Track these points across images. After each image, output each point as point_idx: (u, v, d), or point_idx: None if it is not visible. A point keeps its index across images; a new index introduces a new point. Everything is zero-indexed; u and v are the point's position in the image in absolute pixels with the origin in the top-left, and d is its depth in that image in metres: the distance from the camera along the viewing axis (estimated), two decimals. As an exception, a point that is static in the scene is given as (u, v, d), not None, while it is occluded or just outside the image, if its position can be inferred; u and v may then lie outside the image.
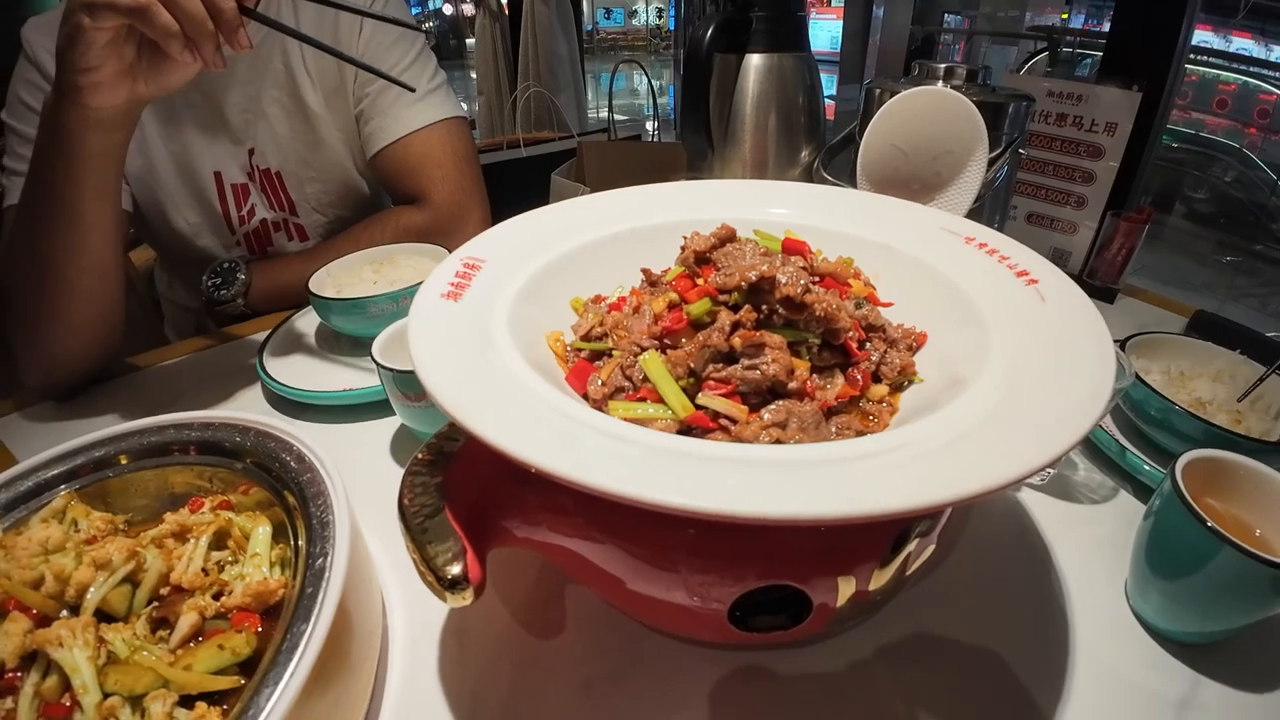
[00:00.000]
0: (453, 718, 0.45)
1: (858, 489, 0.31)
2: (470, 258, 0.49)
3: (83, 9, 0.59)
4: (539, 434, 0.33)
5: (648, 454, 0.33)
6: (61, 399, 0.82)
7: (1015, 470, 0.31)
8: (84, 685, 0.40)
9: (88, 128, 0.66)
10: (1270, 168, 4.60)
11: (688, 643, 0.48)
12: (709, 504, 0.29)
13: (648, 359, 0.41)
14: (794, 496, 0.30)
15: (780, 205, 0.60)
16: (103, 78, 0.62)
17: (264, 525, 0.50)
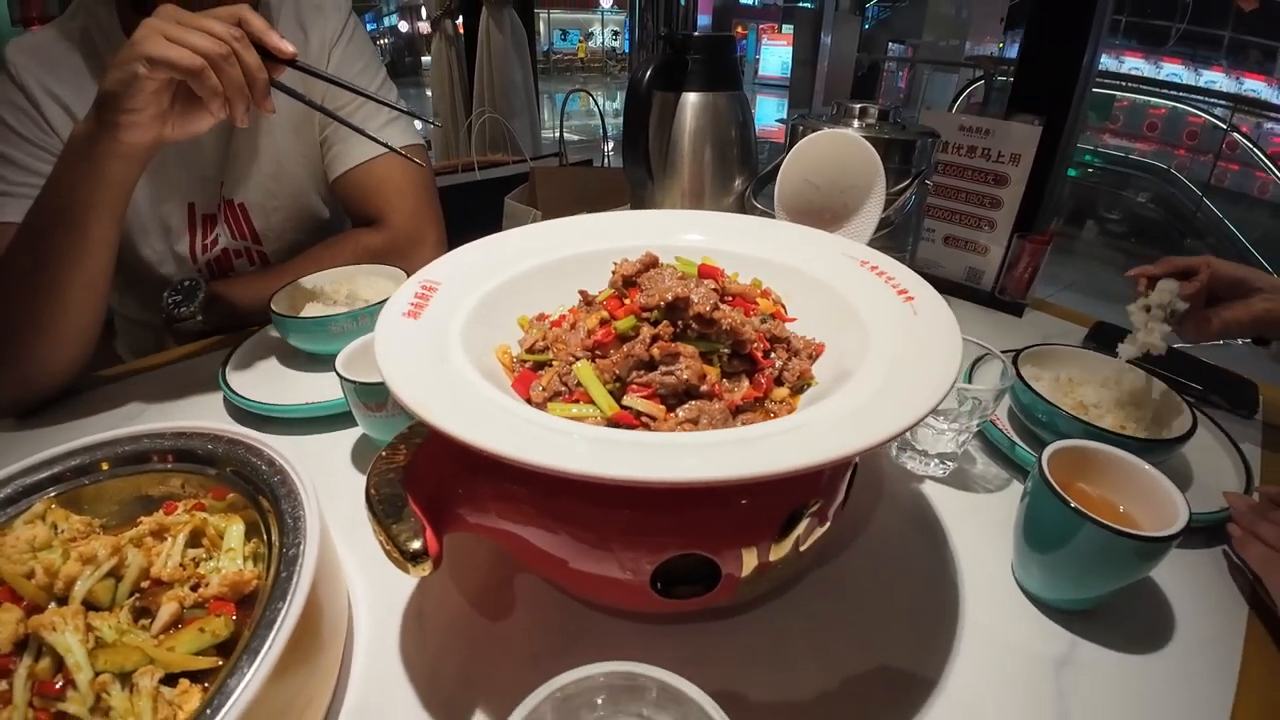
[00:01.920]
0: (413, 689, 0.50)
1: (754, 458, 0.38)
2: (428, 280, 0.55)
3: (144, 60, 0.67)
4: (490, 427, 0.39)
5: (580, 441, 0.40)
6: (22, 415, 0.85)
7: (875, 438, 0.39)
8: (77, 664, 0.44)
9: (115, 159, 0.73)
10: (1196, 186, 4.84)
11: (624, 618, 0.55)
12: (627, 473, 0.35)
13: (580, 367, 0.48)
14: (700, 466, 0.37)
15: (706, 233, 0.68)
16: (142, 119, 0.70)
17: (237, 524, 0.55)
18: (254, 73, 0.72)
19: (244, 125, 0.76)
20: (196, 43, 0.68)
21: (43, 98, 0.94)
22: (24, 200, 0.88)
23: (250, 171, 1.09)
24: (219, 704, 0.38)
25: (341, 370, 0.68)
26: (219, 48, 0.69)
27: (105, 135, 0.72)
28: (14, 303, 0.80)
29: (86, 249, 0.78)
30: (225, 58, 0.70)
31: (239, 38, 0.71)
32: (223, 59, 0.70)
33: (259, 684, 0.39)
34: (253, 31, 0.72)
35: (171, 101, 0.73)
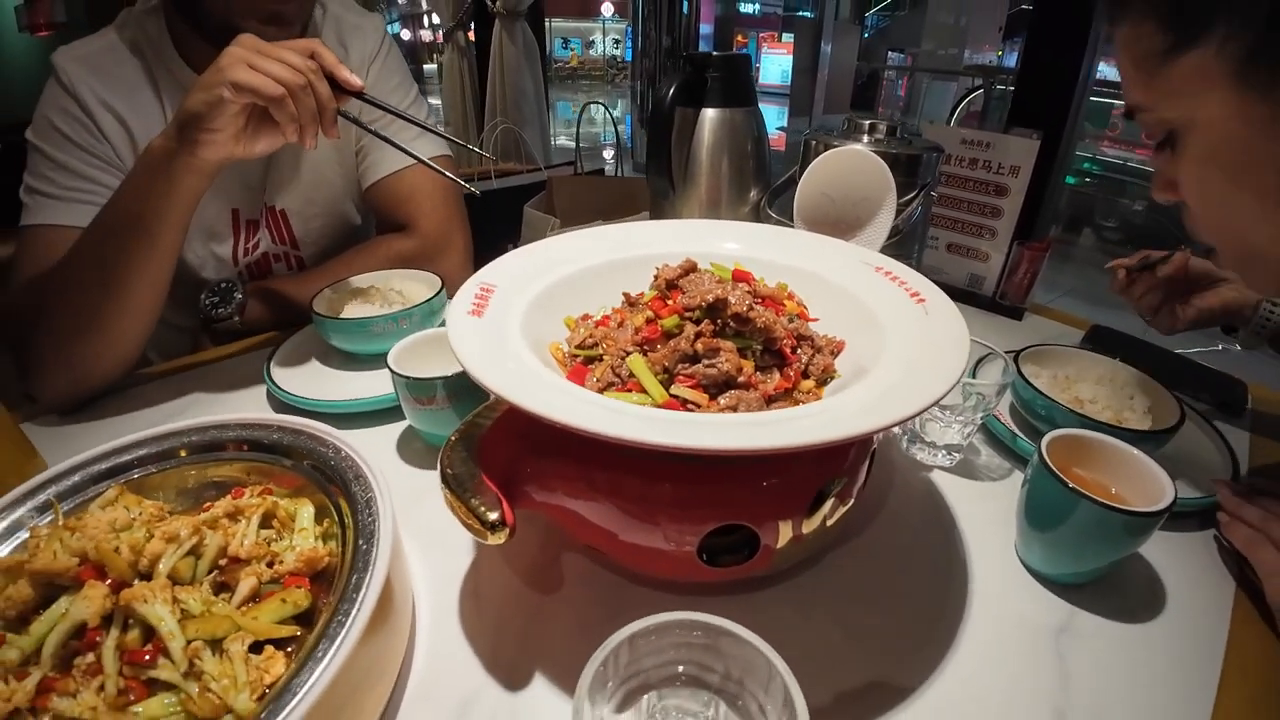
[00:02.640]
0: (476, 657, 0.56)
1: (793, 433, 0.43)
2: (485, 283, 0.61)
3: (229, 85, 0.73)
4: (561, 405, 0.45)
5: (642, 419, 0.45)
6: (66, 412, 0.89)
7: (896, 417, 0.44)
8: (171, 632, 0.47)
9: (189, 173, 0.79)
10: (1194, 193, 4.88)
11: (663, 590, 0.60)
12: (692, 443, 0.41)
13: (633, 359, 0.54)
14: (745, 439, 0.42)
15: (734, 242, 0.74)
16: (220, 139, 0.76)
17: (307, 506, 0.59)
18: (325, 102, 0.79)
19: (312, 148, 0.82)
20: (278, 72, 0.75)
21: (95, 105, 0.97)
22: (75, 205, 0.94)
23: (291, 180, 1.15)
24: (311, 666, 0.42)
25: (394, 366, 0.73)
26: (297, 78, 0.76)
27: (183, 151, 0.77)
28: (75, 302, 0.85)
29: (152, 255, 0.83)
30: (303, 88, 0.76)
31: (314, 70, 0.78)
32: (300, 89, 0.76)
33: (350, 646, 0.43)
34: (325, 65, 0.79)
35: (246, 123, 0.79)
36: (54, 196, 0.95)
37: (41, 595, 0.51)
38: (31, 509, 0.58)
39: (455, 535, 0.67)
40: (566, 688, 0.53)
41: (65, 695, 0.45)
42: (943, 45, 6.41)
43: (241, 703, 0.44)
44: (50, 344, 0.86)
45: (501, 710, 0.51)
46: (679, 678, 0.44)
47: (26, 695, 0.45)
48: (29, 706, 0.45)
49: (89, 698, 0.45)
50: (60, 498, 0.59)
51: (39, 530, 0.55)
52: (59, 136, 0.96)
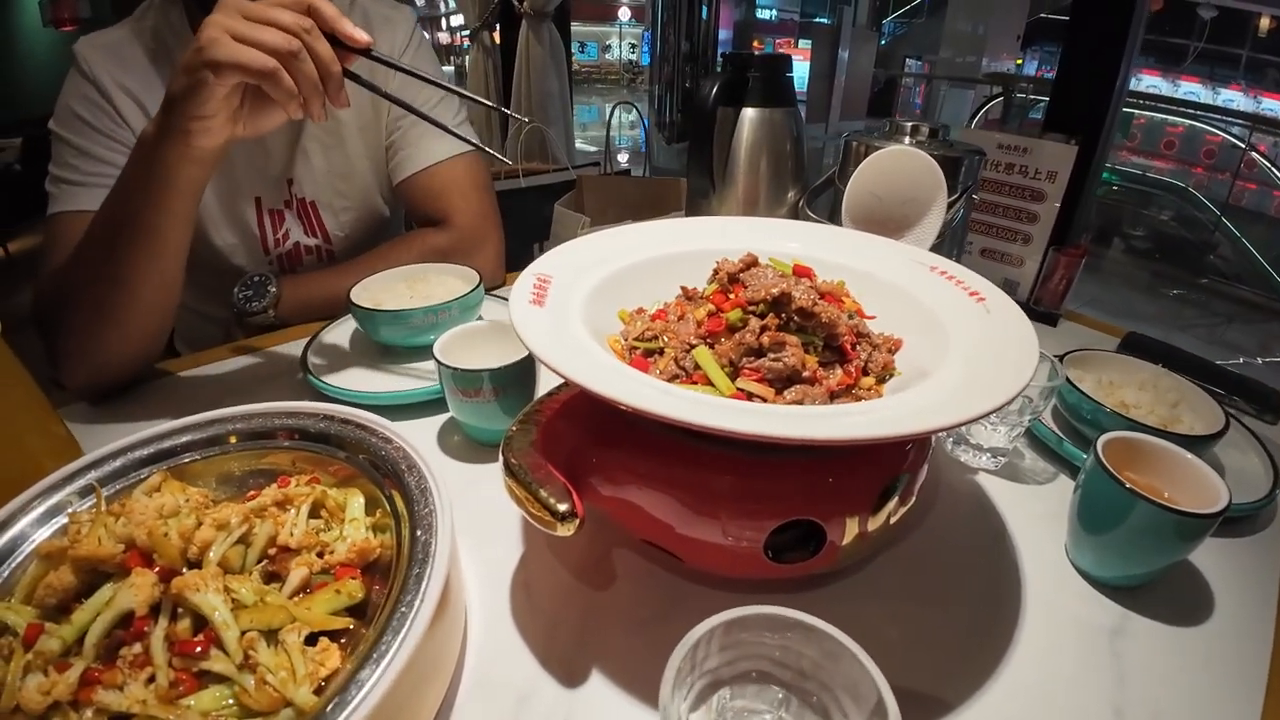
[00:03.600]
0: (530, 652, 0.55)
1: (865, 425, 0.43)
2: (541, 274, 0.60)
3: (209, 66, 0.64)
4: (634, 392, 0.44)
5: (712, 407, 0.45)
6: (96, 400, 0.89)
7: (961, 416, 0.43)
8: (225, 622, 0.45)
9: (187, 163, 0.72)
10: (1214, 204, 4.86)
11: (717, 588, 0.60)
12: (765, 430, 0.40)
13: (700, 351, 0.53)
14: (821, 429, 0.42)
15: (784, 239, 0.73)
16: (213, 125, 0.69)
17: (357, 497, 0.58)
18: (327, 66, 0.68)
19: (321, 121, 0.73)
20: (266, 39, 0.64)
21: (115, 91, 0.97)
22: (97, 190, 0.93)
23: (319, 172, 1.15)
24: (375, 660, 0.41)
25: (440, 357, 0.73)
26: (290, 43, 0.65)
27: (175, 140, 0.70)
28: (87, 294, 0.82)
29: (157, 249, 0.79)
30: (297, 54, 0.65)
31: (309, 29, 0.66)
32: (294, 55, 0.65)
33: (415, 639, 0.42)
34: (324, 20, 0.68)
35: (242, 100, 0.70)
36: (78, 183, 0.95)
37: (84, 583, 0.50)
38: (71, 493, 0.57)
39: (501, 529, 0.67)
40: (624, 684, 0.52)
41: (111, 688, 0.43)
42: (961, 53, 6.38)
43: (302, 696, 0.43)
44: (70, 332, 0.84)
45: (560, 706, 0.51)
46: (750, 675, 0.44)
47: (69, 688, 0.43)
48: (70, 700, 0.43)
49: (137, 690, 0.43)
50: (102, 483, 0.58)
51: (79, 516, 0.53)
52: (81, 124, 0.96)
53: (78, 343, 0.84)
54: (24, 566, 0.52)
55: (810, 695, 0.43)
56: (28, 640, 0.46)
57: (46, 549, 0.51)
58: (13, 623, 0.47)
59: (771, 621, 0.41)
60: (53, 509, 0.56)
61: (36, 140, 6.05)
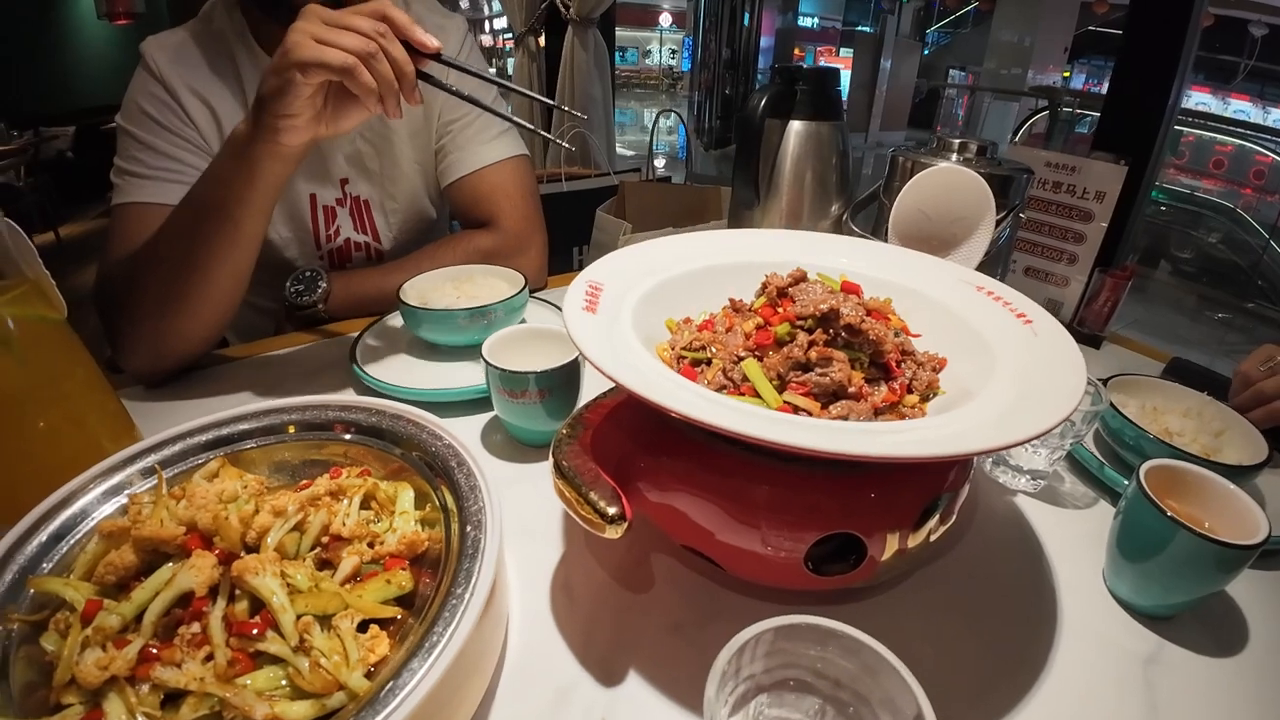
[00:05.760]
0: (569, 649, 0.56)
1: (912, 444, 0.44)
2: (593, 281, 0.61)
3: (297, 66, 0.70)
4: (686, 400, 0.45)
5: (761, 419, 0.46)
6: (151, 385, 0.92)
7: (1008, 439, 0.44)
8: (282, 606, 0.47)
9: (273, 160, 0.78)
10: (1263, 227, 4.73)
11: (755, 596, 0.61)
12: (814, 444, 0.41)
13: (748, 364, 0.54)
14: (870, 446, 0.42)
15: (834, 254, 0.74)
16: (300, 123, 0.74)
17: (407, 490, 0.59)
18: (402, 66, 0.73)
19: (397, 118, 0.78)
20: (346, 42, 0.70)
21: (182, 91, 1.01)
22: (163, 184, 0.97)
23: (372, 172, 1.18)
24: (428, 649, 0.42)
25: (488, 358, 0.74)
26: (367, 45, 0.71)
27: (264, 138, 0.76)
28: (161, 280, 0.86)
29: (236, 239, 0.84)
30: (374, 55, 0.71)
31: (384, 34, 0.72)
32: (372, 56, 0.71)
33: (466, 630, 0.43)
34: (398, 27, 0.74)
35: (325, 101, 0.76)
36: (144, 176, 0.98)
37: (144, 562, 0.51)
38: (131, 474, 0.59)
39: (541, 528, 0.68)
40: (661, 686, 0.53)
41: (169, 665, 0.44)
42: (1006, 65, 6.28)
43: (355, 680, 0.44)
44: (137, 318, 0.88)
45: (598, 704, 0.52)
46: (788, 683, 0.44)
47: (127, 663, 0.44)
48: (128, 675, 0.44)
49: (195, 668, 0.44)
50: (162, 465, 0.59)
51: (139, 497, 0.55)
52: (148, 120, 1.00)
53: (145, 327, 0.88)
54: (83, 544, 0.54)
55: (846, 706, 0.43)
56: (86, 616, 0.47)
57: (108, 528, 0.52)
58: (71, 598, 0.49)
59: (815, 632, 0.42)
60: (112, 489, 0.58)
61: (88, 129, 6.26)
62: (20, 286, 0.64)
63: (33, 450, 0.65)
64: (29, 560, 0.52)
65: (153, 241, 0.87)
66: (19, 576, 0.51)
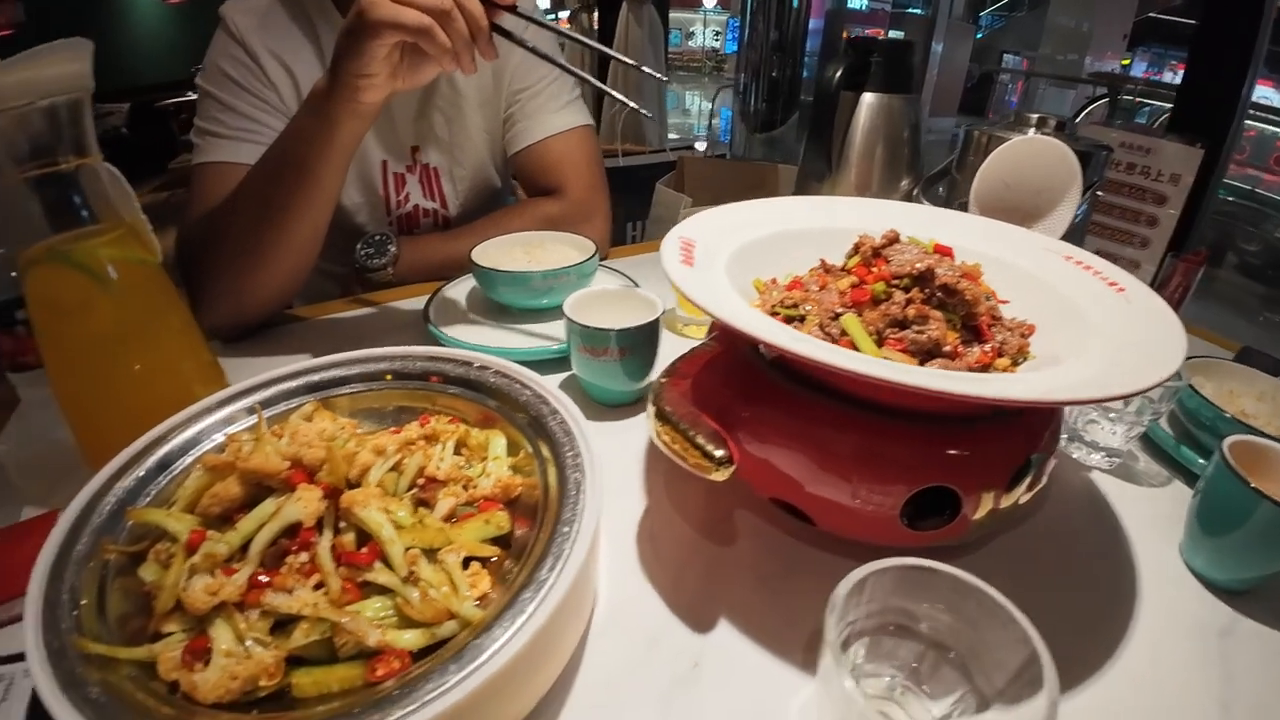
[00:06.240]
0: (659, 597, 0.57)
1: (1027, 389, 0.44)
2: (684, 237, 0.62)
3: (371, 27, 0.70)
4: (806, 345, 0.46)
5: (864, 360, 0.46)
6: (229, 340, 0.94)
7: (1125, 389, 0.44)
8: (391, 538, 0.48)
9: (351, 117, 0.79)
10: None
11: (837, 553, 0.61)
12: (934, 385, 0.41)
13: (848, 318, 0.54)
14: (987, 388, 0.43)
15: (916, 223, 0.73)
16: (377, 81, 0.75)
17: (499, 437, 0.60)
18: (478, 21, 0.73)
19: (472, 73, 0.78)
20: (421, 0, 0.70)
21: (262, 53, 1.03)
22: (243, 144, 1.00)
23: (442, 139, 1.20)
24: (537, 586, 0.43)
25: (571, 314, 0.75)
26: (442, 3, 0.71)
27: (342, 96, 0.77)
28: (240, 236, 0.88)
29: (314, 195, 0.85)
30: (449, 13, 0.71)
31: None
32: (446, 14, 0.71)
33: (574, 568, 0.44)
34: None
35: (401, 57, 0.76)
36: (224, 136, 1.01)
37: (248, 495, 0.52)
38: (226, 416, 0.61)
39: (623, 483, 0.70)
40: (751, 634, 0.54)
41: (280, 591, 0.45)
42: (1062, 50, 6.10)
43: (468, 609, 0.45)
44: (217, 273, 0.90)
45: (689, 648, 0.53)
46: (888, 628, 0.45)
47: (237, 589, 0.45)
48: (237, 601, 0.45)
49: (306, 595, 0.45)
50: (264, 404, 0.61)
51: (237, 436, 0.56)
52: (228, 82, 1.02)
53: (225, 282, 0.90)
54: (179, 480, 0.55)
55: (947, 652, 0.44)
56: (191, 546, 0.48)
57: (212, 462, 0.53)
58: (173, 529, 0.50)
59: (931, 576, 0.42)
60: (208, 429, 0.59)
61: (143, 106, 6.36)
62: (118, 229, 0.65)
63: (126, 392, 0.67)
64: (126, 494, 0.53)
65: (233, 198, 0.90)
66: (116, 509, 0.52)
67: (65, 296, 0.64)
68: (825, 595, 0.56)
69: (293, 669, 0.44)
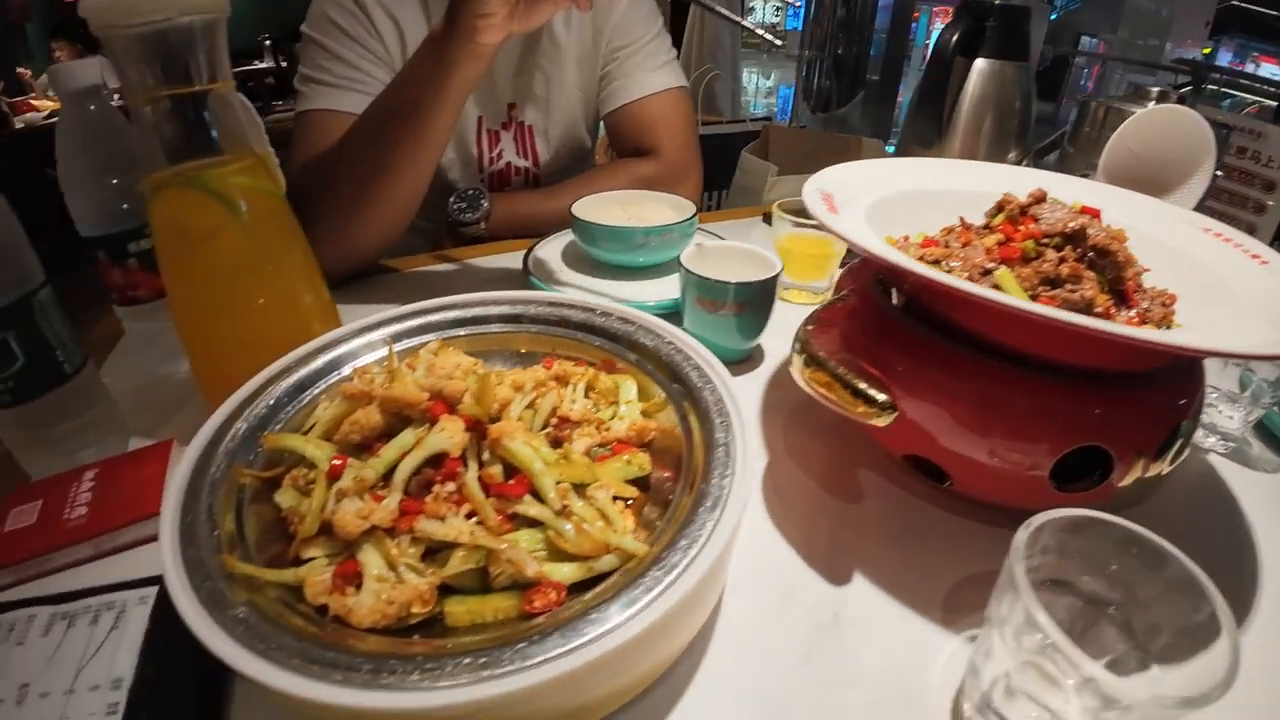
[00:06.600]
0: (790, 547, 0.57)
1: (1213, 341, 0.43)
2: (822, 189, 0.62)
3: None
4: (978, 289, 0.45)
5: (1055, 312, 0.45)
6: (331, 286, 0.95)
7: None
8: (543, 470, 0.48)
9: (469, 59, 0.79)
10: None
11: (965, 516, 0.60)
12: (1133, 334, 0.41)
13: (1003, 273, 0.53)
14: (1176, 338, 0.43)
15: (1049, 188, 0.72)
16: (496, 21, 0.75)
17: (630, 381, 0.59)
18: None
19: (587, 10, 0.79)
20: None
21: (371, 4, 1.04)
22: (349, 93, 1.00)
23: (539, 97, 1.20)
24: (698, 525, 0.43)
25: (689, 266, 0.75)
26: None
27: (461, 39, 0.77)
28: (347, 181, 0.89)
29: (425, 139, 0.86)
30: None
31: None
32: None
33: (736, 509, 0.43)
34: None
35: None
36: (329, 84, 1.02)
37: (386, 425, 0.51)
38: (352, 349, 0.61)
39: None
40: (889, 590, 0.54)
41: (433, 518, 0.45)
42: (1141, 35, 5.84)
43: (631, 542, 0.45)
44: (321, 220, 0.89)
45: (827, 599, 0.53)
46: (1044, 583, 0.45)
47: (389, 514, 0.45)
48: (388, 527, 0.45)
49: (461, 523, 0.45)
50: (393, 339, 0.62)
51: (368, 368, 0.57)
52: (335, 30, 1.03)
53: (330, 227, 0.90)
54: (306, 411, 0.56)
55: (1106, 607, 0.43)
56: (333, 473, 0.47)
57: (351, 390, 0.53)
58: (312, 455, 0.50)
59: (1097, 527, 0.42)
60: (335, 361, 0.60)
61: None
62: (249, 159, 0.65)
63: (249, 325, 0.67)
64: (258, 420, 0.53)
65: (341, 144, 0.90)
66: (247, 436, 0.52)
67: (196, 223, 0.64)
68: (957, 557, 0.56)
69: (443, 598, 0.44)
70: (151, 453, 0.65)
